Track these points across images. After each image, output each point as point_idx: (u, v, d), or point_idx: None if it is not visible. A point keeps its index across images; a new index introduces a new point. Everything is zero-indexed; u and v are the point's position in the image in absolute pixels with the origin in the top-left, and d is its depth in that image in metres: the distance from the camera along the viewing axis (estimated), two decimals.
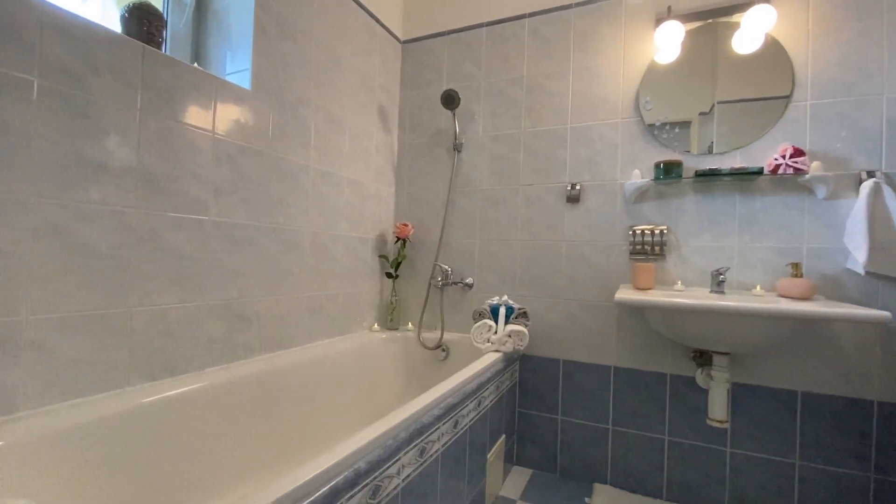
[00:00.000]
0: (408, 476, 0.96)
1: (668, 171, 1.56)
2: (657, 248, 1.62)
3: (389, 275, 2.06)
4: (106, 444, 0.92)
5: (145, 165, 1.08)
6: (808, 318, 1.14)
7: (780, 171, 1.42)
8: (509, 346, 1.65)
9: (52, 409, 0.90)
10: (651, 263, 1.57)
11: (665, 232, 1.62)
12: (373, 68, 1.96)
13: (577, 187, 1.77)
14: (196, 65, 1.25)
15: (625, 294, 1.35)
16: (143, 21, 1.12)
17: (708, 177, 1.51)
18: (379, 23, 1.98)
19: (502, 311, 1.74)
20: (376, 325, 2.02)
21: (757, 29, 1.48)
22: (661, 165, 1.57)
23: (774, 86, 1.50)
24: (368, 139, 1.94)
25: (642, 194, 1.67)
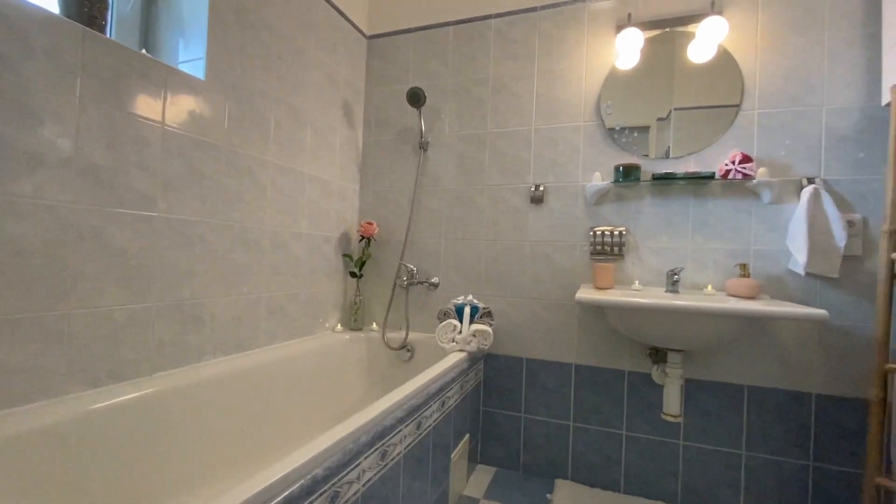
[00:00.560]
0: (368, 480, 0.94)
1: (627, 174, 1.61)
2: (616, 249, 1.67)
3: (353, 274, 2.02)
4: (37, 456, 0.85)
5: (86, 157, 1.00)
6: (754, 316, 1.20)
7: (730, 175, 1.49)
8: (474, 346, 1.65)
9: None
10: (611, 264, 1.61)
11: (624, 233, 1.66)
12: (337, 62, 1.91)
13: (541, 188, 1.79)
14: (144, 51, 1.17)
15: (585, 293, 1.38)
16: (85, 2, 1.05)
17: (664, 180, 1.57)
18: (343, 16, 1.94)
19: (467, 310, 1.74)
20: (339, 325, 1.98)
21: (710, 39, 1.54)
22: (621, 168, 1.61)
23: (726, 95, 1.57)
24: (332, 135, 1.90)
25: (603, 196, 1.71)
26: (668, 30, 1.64)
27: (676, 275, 1.51)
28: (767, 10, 1.53)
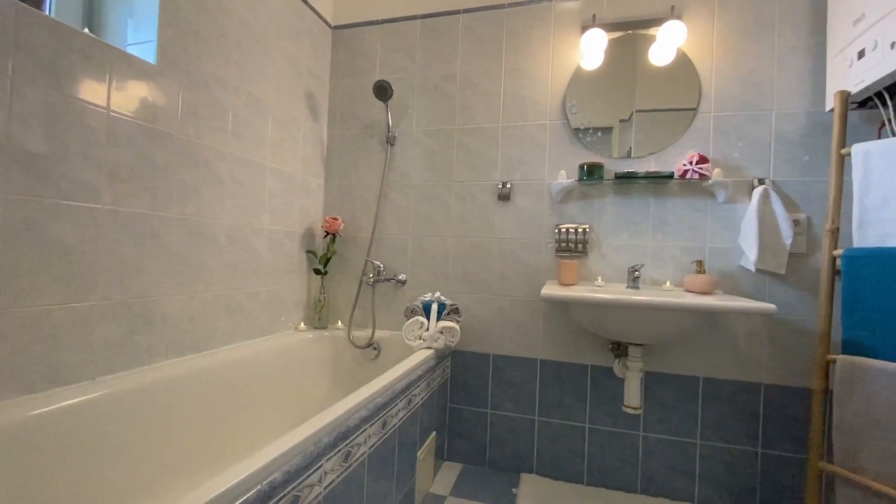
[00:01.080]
0: (331, 483, 0.91)
1: (591, 173, 1.64)
2: (580, 246, 1.70)
3: (318, 271, 1.96)
4: None
5: (20, 144, 0.92)
6: (708, 310, 1.25)
7: (688, 175, 1.54)
8: (441, 343, 1.64)
9: None
10: (575, 260, 1.64)
11: (587, 230, 1.70)
12: (300, 52, 1.85)
13: (508, 186, 1.80)
14: (87, 30, 1.09)
15: (550, 290, 1.40)
16: None
17: (626, 179, 1.61)
18: (307, 4, 1.88)
19: (434, 307, 1.73)
20: (303, 324, 1.93)
21: (670, 44, 1.59)
22: (585, 167, 1.64)
23: (685, 98, 1.62)
24: (295, 127, 1.84)
25: (568, 194, 1.74)
26: (630, 32, 1.68)
27: (637, 271, 1.55)
28: (723, 17, 1.60)
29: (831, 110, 1.33)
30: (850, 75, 1.30)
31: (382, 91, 1.81)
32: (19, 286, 0.93)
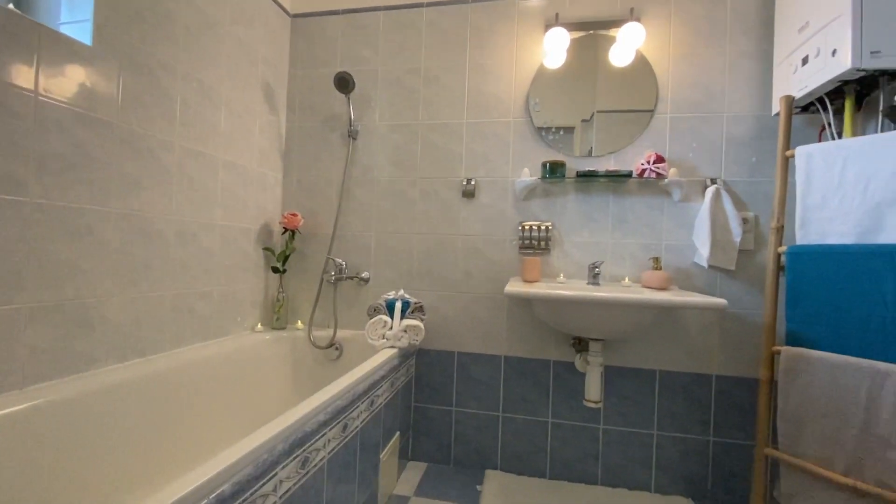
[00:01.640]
0: (287, 491, 0.87)
1: (554, 171, 1.65)
2: (543, 243, 1.71)
3: (276, 269, 1.89)
4: None
5: None
6: (664, 306, 1.29)
7: (646, 174, 1.58)
8: (405, 342, 1.61)
9: None
10: (538, 257, 1.65)
11: (550, 228, 1.71)
12: (255, 39, 1.76)
13: (472, 182, 1.79)
14: (11, 6, 0.99)
15: (514, 287, 1.40)
16: None
17: (587, 177, 1.63)
18: None
19: (398, 305, 1.70)
20: (260, 324, 1.85)
21: (629, 45, 1.62)
22: (548, 165, 1.66)
23: (643, 99, 1.66)
24: (251, 118, 1.75)
25: (531, 192, 1.75)
26: (592, 32, 1.70)
27: (597, 268, 1.58)
28: (679, 20, 1.65)
29: (777, 114, 1.40)
30: (794, 81, 1.37)
31: (344, 83, 1.75)
32: None
